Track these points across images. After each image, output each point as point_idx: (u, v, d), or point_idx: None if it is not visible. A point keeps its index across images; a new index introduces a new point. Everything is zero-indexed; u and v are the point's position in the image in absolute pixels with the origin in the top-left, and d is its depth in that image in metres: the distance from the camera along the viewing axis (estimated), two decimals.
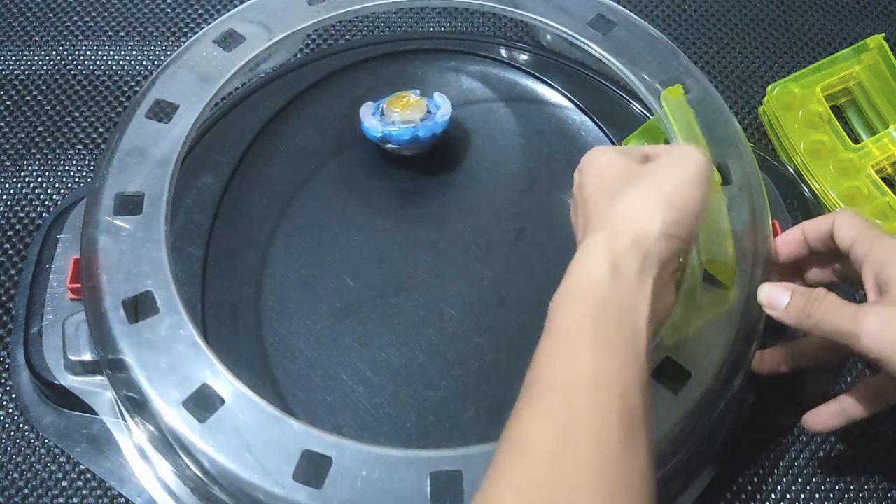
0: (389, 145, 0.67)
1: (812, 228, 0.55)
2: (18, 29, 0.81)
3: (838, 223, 0.53)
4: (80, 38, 0.81)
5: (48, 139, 0.75)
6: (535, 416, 0.40)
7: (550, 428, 0.39)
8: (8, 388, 0.64)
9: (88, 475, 0.61)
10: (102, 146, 0.75)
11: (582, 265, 0.44)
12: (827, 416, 0.55)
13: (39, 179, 0.73)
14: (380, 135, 0.66)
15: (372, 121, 0.67)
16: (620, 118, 0.71)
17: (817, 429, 0.56)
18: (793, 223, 0.67)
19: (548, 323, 0.43)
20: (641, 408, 0.40)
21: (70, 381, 0.60)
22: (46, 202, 0.72)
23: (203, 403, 0.50)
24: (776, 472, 0.62)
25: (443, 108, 0.67)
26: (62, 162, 0.74)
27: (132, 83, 0.79)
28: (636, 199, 0.46)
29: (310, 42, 0.82)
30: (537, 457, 0.39)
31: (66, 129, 0.76)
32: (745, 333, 0.53)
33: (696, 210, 0.46)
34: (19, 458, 0.61)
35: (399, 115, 0.66)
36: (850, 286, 0.56)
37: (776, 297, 0.52)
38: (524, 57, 0.76)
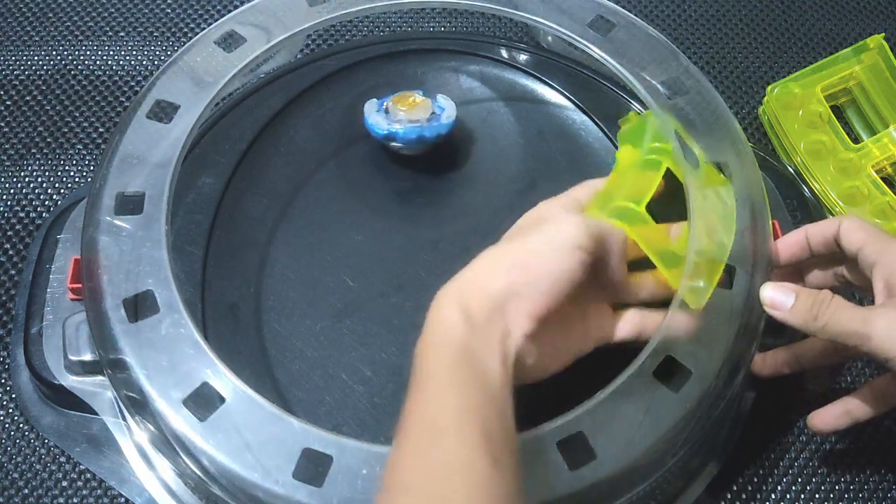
0: (393, 144, 0.67)
1: (816, 232, 0.55)
2: (18, 29, 0.81)
3: (844, 227, 0.53)
4: (80, 38, 0.81)
5: (48, 139, 0.75)
6: (406, 456, 0.42)
7: (420, 464, 0.41)
8: (8, 388, 0.64)
9: (88, 475, 0.61)
10: (102, 146, 0.75)
11: (438, 314, 0.47)
12: (832, 417, 0.55)
13: (39, 179, 0.73)
14: (385, 132, 0.66)
15: (377, 118, 0.66)
16: (620, 118, 0.71)
17: (822, 430, 0.56)
18: (793, 223, 0.68)
19: (413, 372, 0.46)
20: (503, 433, 0.43)
21: (70, 381, 0.60)
22: (46, 202, 0.72)
23: (203, 402, 0.50)
24: (777, 470, 0.62)
25: (448, 111, 0.68)
26: (62, 162, 0.74)
27: (132, 83, 0.79)
28: (490, 258, 0.50)
29: (310, 42, 0.82)
30: (413, 495, 0.41)
31: (66, 129, 0.76)
32: (745, 332, 0.53)
33: (555, 274, 0.48)
34: (19, 458, 0.62)
35: (405, 114, 0.66)
36: (848, 290, 0.57)
37: (780, 298, 0.52)
38: (524, 57, 0.76)
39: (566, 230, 0.50)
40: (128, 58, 0.80)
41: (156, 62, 0.80)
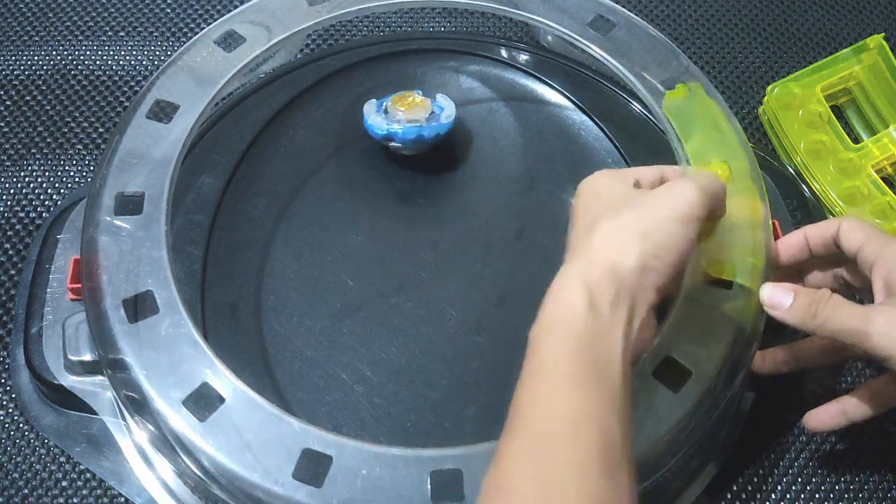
0: (393, 144, 0.67)
1: (815, 233, 0.55)
2: (18, 29, 0.81)
3: (844, 228, 0.53)
4: (80, 38, 0.81)
5: (48, 139, 0.75)
6: (517, 458, 0.40)
7: (533, 471, 0.39)
8: (8, 388, 0.64)
9: (88, 475, 0.61)
10: (102, 146, 0.75)
11: (558, 296, 0.44)
12: (828, 416, 0.55)
13: (39, 179, 0.73)
14: (384, 132, 0.66)
15: (376, 118, 0.66)
16: (620, 118, 0.72)
17: (818, 429, 0.56)
18: (793, 223, 0.68)
19: (527, 356, 0.43)
20: (620, 439, 0.41)
21: (70, 381, 0.60)
22: (46, 202, 0.72)
23: (203, 402, 0.50)
24: (777, 470, 0.62)
25: (447, 110, 0.68)
26: (62, 162, 0.74)
27: (132, 83, 0.79)
28: (613, 231, 0.46)
29: (310, 42, 0.82)
30: (518, 500, 0.39)
31: (66, 129, 0.76)
32: (745, 333, 0.53)
33: (679, 247, 0.46)
34: (19, 458, 0.61)
35: (404, 114, 0.66)
36: (848, 291, 0.57)
37: (779, 297, 0.52)
38: (524, 57, 0.76)
39: (689, 198, 0.47)
40: (128, 58, 0.80)
41: (156, 62, 0.80)
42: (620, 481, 0.40)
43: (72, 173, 0.74)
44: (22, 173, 0.73)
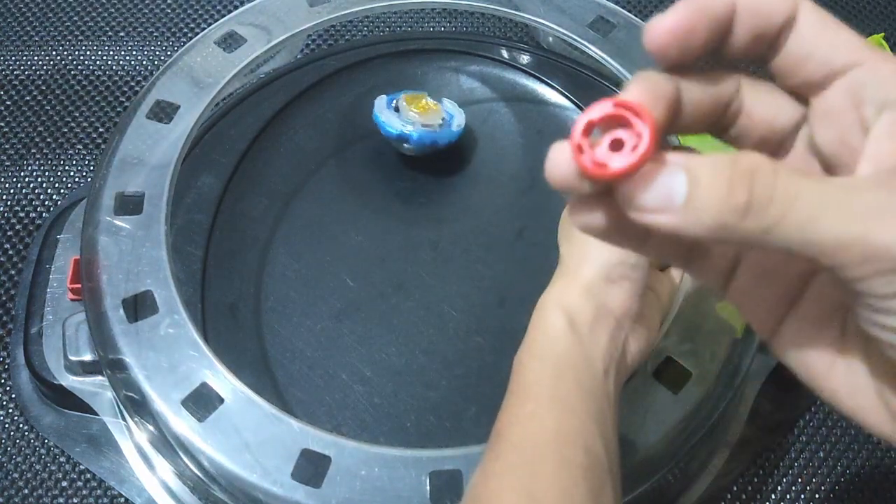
0: (406, 146, 0.66)
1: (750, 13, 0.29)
2: (18, 29, 0.81)
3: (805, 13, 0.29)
4: (80, 38, 0.81)
5: (48, 139, 0.75)
6: (501, 474, 0.40)
7: (517, 487, 0.39)
8: (8, 388, 0.64)
9: (88, 475, 0.61)
10: (102, 146, 0.75)
11: (538, 322, 0.45)
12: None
13: (39, 179, 0.73)
14: (397, 133, 0.65)
15: (389, 116, 0.66)
16: None
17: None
18: None
19: (510, 382, 0.43)
20: (606, 458, 0.40)
21: (70, 381, 0.60)
22: (46, 202, 0.72)
23: (202, 403, 0.50)
24: (776, 471, 0.62)
25: (457, 118, 0.67)
26: (62, 162, 0.74)
27: (132, 83, 0.79)
28: (576, 252, 0.46)
29: (310, 42, 0.82)
30: None
31: (66, 129, 0.76)
32: (745, 334, 0.53)
33: None
34: (19, 458, 0.61)
35: (418, 117, 0.66)
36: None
37: (666, 187, 0.25)
38: (524, 57, 0.76)
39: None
40: (128, 58, 0.80)
41: (156, 62, 0.80)
42: (605, 502, 0.39)
43: (72, 173, 0.74)
44: (22, 173, 0.73)
